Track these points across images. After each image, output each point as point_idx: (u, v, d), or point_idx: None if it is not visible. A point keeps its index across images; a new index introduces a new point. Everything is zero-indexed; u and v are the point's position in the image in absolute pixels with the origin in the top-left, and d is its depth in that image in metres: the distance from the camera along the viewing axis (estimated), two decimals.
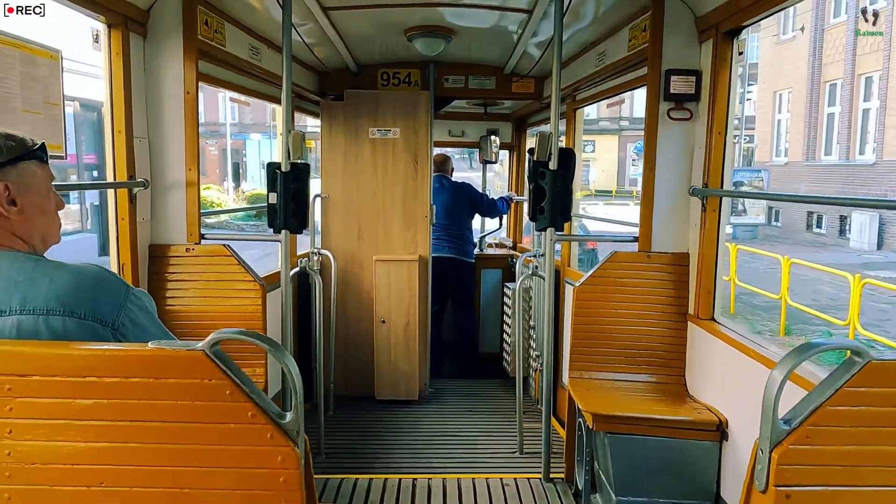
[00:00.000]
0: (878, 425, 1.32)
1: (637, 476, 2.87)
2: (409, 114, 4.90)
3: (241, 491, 1.31)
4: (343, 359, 4.97)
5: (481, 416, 4.67)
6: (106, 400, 1.29)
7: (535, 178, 3.18)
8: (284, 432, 1.30)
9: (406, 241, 5.01)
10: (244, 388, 1.28)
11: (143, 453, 1.30)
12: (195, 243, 3.16)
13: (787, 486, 1.33)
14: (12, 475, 1.29)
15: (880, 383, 1.31)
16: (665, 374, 3.22)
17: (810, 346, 1.35)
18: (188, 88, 3.07)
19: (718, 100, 2.97)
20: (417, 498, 3.30)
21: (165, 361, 1.28)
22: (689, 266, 3.22)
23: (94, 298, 1.38)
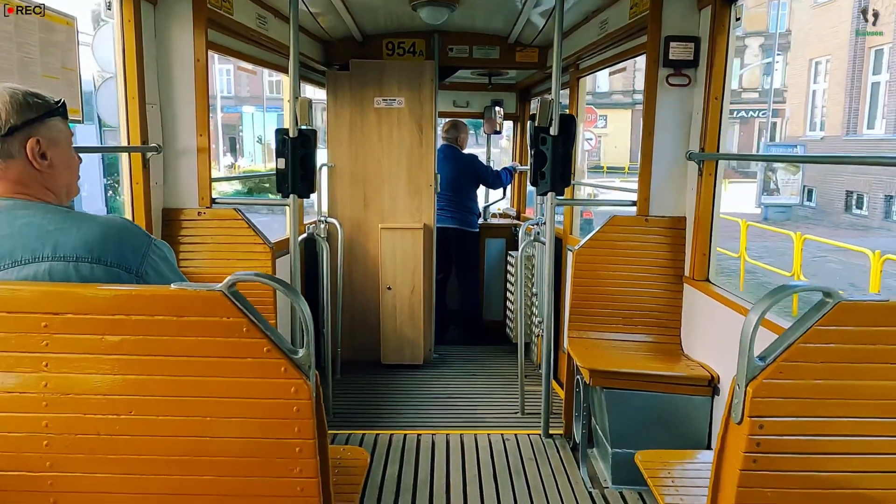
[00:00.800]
0: (845, 361, 1.42)
1: (632, 429, 3.00)
2: (414, 83, 4.96)
3: (258, 419, 1.43)
4: (350, 324, 5.10)
5: (484, 380, 4.80)
6: (133, 336, 1.40)
7: (536, 144, 3.26)
8: (297, 366, 1.41)
9: (411, 209, 5.10)
10: (259, 326, 1.39)
11: (168, 385, 1.42)
12: (206, 207, 3.27)
13: (760, 417, 1.44)
14: (49, 404, 1.41)
15: (848, 322, 1.41)
16: (661, 333, 3.33)
17: (783, 288, 1.45)
18: (198, 56, 3.15)
19: (716, 66, 3.04)
20: (422, 451, 3.45)
21: (187, 301, 1.39)
22: (685, 229, 3.31)
23: (119, 247, 1.48)
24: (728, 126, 3.15)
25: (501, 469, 3.26)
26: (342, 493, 1.85)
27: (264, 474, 1.45)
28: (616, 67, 4.35)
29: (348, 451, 2.08)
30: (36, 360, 1.40)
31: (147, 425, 1.43)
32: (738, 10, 2.98)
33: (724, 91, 3.05)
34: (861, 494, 1.47)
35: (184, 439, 1.43)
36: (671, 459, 2.12)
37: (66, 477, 1.45)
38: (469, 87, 6.50)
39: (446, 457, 3.39)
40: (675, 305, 3.32)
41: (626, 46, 3.82)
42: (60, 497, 1.45)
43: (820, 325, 1.41)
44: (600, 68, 4.54)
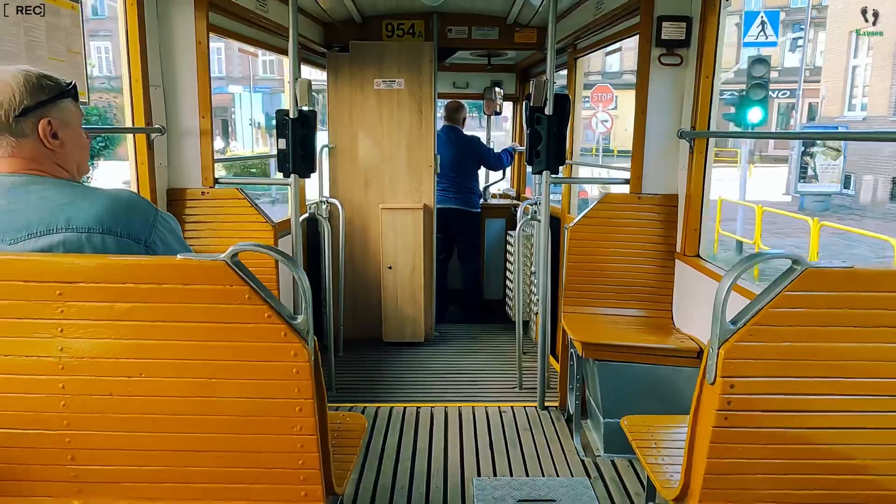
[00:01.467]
0: (812, 324, 1.51)
1: (623, 400, 3.10)
2: (414, 65, 5.02)
3: (260, 380, 1.52)
4: (352, 303, 5.21)
5: (484, 357, 4.91)
6: (142, 304, 1.49)
7: (532, 123, 3.34)
8: (296, 330, 1.50)
9: (411, 190, 5.18)
10: (260, 293, 1.48)
11: (175, 348, 1.51)
12: (210, 187, 3.35)
13: (731, 378, 1.53)
14: (65, 367, 1.51)
15: (815, 288, 1.49)
16: (653, 308, 3.42)
17: (753, 256, 1.53)
18: (199, 38, 3.22)
19: (707, 45, 3.09)
20: (421, 422, 3.56)
21: (192, 270, 1.48)
22: (677, 206, 3.38)
23: (127, 219, 1.57)
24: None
25: (498, 439, 3.38)
26: (341, 454, 1.95)
27: (266, 432, 1.55)
28: (614, 47, 4.40)
29: (347, 416, 2.19)
30: (52, 326, 1.49)
31: (156, 386, 1.53)
32: None
33: (715, 70, 3.11)
34: (824, 449, 1.57)
35: (190, 399, 1.53)
36: (655, 424, 2.22)
37: (83, 435, 1.55)
38: (469, 69, 6.54)
39: (444, 427, 3.50)
40: (666, 281, 3.41)
41: (621, 27, 3.86)
42: (77, 453, 1.56)
43: (788, 290, 1.49)
44: (597, 48, 4.59)
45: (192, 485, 1.59)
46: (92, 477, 1.58)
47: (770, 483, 1.60)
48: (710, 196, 3.24)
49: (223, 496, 1.59)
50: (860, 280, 1.49)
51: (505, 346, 5.16)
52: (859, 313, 1.50)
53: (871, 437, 1.57)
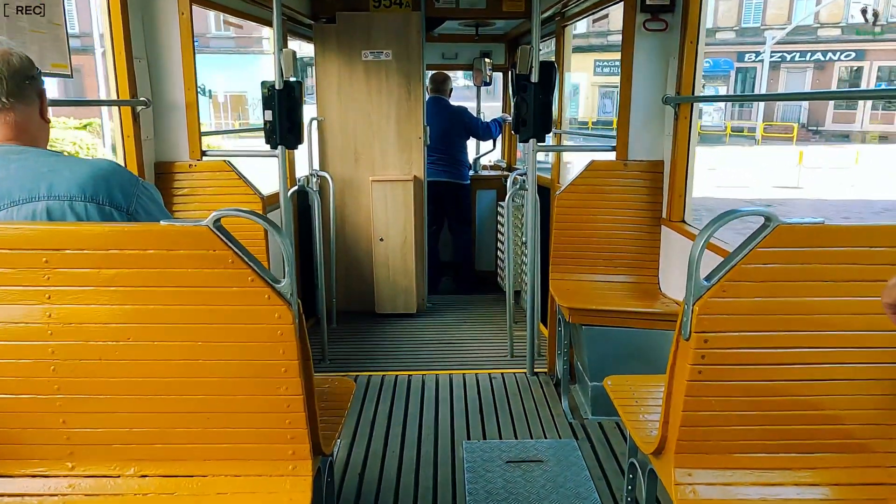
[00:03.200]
0: (783, 280, 1.55)
1: (609, 363, 3.16)
2: (402, 35, 4.98)
3: (245, 343, 1.56)
4: (344, 276, 5.24)
5: (476, 327, 4.96)
6: (127, 269, 1.52)
7: (518, 91, 3.34)
8: (279, 294, 1.53)
9: (401, 162, 5.18)
10: (243, 257, 1.51)
11: (161, 313, 1.54)
12: (197, 160, 3.36)
13: (705, 333, 1.57)
14: (54, 333, 1.54)
15: (787, 243, 1.53)
16: (640, 274, 3.47)
17: (727, 213, 1.56)
18: (181, 9, 3.20)
19: (692, 10, 3.09)
20: (412, 390, 3.62)
21: (176, 236, 1.50)
22: (663, 173, 3.41)
23: (108, 187, 1.59)
24: (795, 73, 3.21)
25: (487, 404, 3.44)
26: (329, 416, 2.00)
27: (253, 392, 1.59)
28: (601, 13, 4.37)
29: (336, 380, 2.23)
30: (39, 293, 1.52)
31: (144, 350, 1.56)
32: None
33: (700, 35, 3.11)
34: (795, 400, 1.62)
35: (178, 362, 1.57)
36: (637, 383, 2.27)
37: (73, 399, 1.59)
38: (457, 39, 6.50)
39: (435, 394, 3.56)
40: (653, 247, 3.45)
41: None
42: (68, 417, 1.60)
43: (761, 246, 1.52)
44: (585, 15, 4.56)
45: (182, 445, 1.63)
46: (83, 440, 1.62)
47: (743, 434, 1.66)
48: (695, 161, 3.26)
49: (212, 456, 1.64)
50: (831, 235, 1.53)
51: (497, 316, 5.21)
52: (830, 268, 1.54)
53: (840, 389, 1.62)
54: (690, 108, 3.19)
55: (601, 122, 31.30)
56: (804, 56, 30.27)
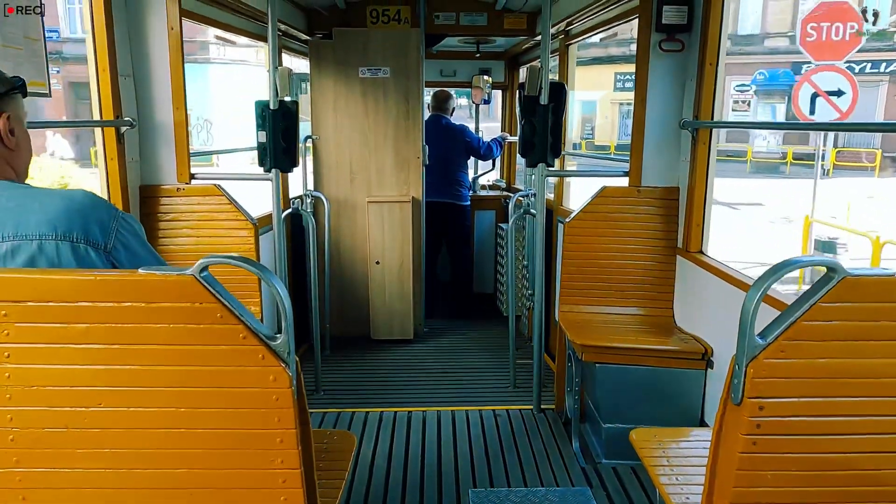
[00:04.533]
0: (851, 339, 1.36)
1: (624, 404, 2.96)
2: (400, 52, 4.82)
3: (236, 409, 1.35)
4: (338, 299, 5.03)
5: (475, 354, 4.76)
6: (101, 324, 1.31)
7: (526, 114, 3.17)
8: (275, 353, 1.33)
9: (399, 182, 5.00)
10: (234, 311, 1.31)
11: (139, 375, 1.34)
12: (185, 183, 3.16)
13: (760, 398, 1.38)
14: (13, 397, 1.33)
15: (854, 298, 1.34)
16: (654, 306, 3.28)
17: (785, 263, 1.38)
18: (171, 24, 3.01)
19: (711, 30, 2.93)
20: (412, 428, 3.41)
21: (157, 286, 1.30)
22: (678, 199, 3.24)
23: (84, 222, 1.39)
24: (867, 87, 3.03)
25: (493, 445, 3.23)
26: (328, 480, 1.80)
27: (244, 466, 1.38)
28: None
29: (335, 434, 2.02)
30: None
31: (118, 417, 1.35)
32: None
33: (720, 56, 2.96)
34: (864, 475, 1.43)
35: (157, 431, 1.36)
36: (666, 437, 2.08)
37: (35, 473, 1.37)
38: (456, 56, 6.35)
39: (437, 433, 3.35)
40: (667, 277, 3.27)
41: (617, 11, 3.70)
42: (30, 493, 1.38)
43: (824, 301, 1.34)
44: (591, 34, 4.42)
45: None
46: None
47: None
48: (713, 189, 3.10)
49: None
50: None
51: (496, 341, 5.01)
52: None
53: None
54: (709, 134, 3.03)
55: (623, 146, 26.53)
56: (877, 66, 25.19)
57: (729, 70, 23.74)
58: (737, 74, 25.83)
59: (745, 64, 26.71)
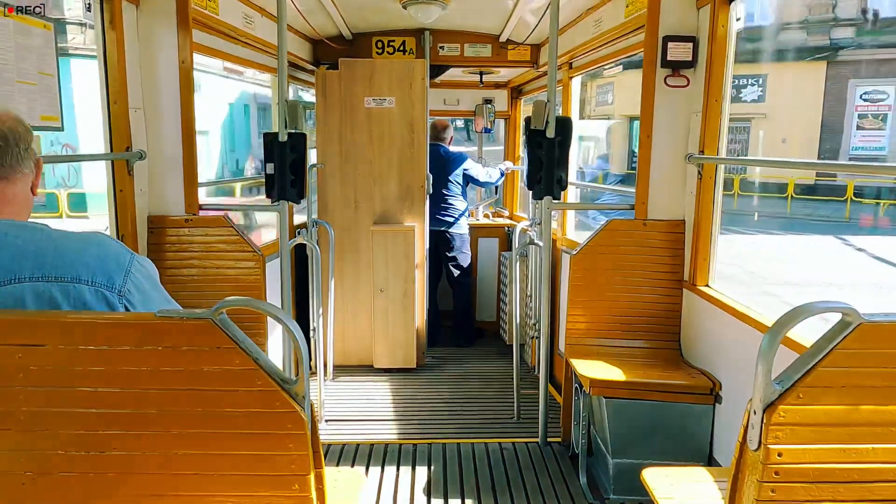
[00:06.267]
0: (870, 385, 1.36)
1: (632, 439, 2.94)
2: (405, 82, 4.87)
3: (251, 453, 1.34)
4: (342, 328, 5.02)
5: (479, 384, 4.74)
6: (117, 368, 1.31)
7: (532, 147, 3.19)
8: (292, 397, 1.33)
9: (403, 210, 5.02)
10: (252, 355, 1.31)
11: (154, 420, 1.33)
12: (193, 214, 3.17)
13: (779, 445, 1.37)
14: (26, 440, 1.32)
15: (871, 345, 1.34)
16: (660, 339, 3.27)
17: (802, 309, 1.38)
18: (182, 58, 3.05)
19: (715, 66, 2.97)
20: (417, 462, 3.37)
21: (173, 329, 1.30)
22: (684, 233, 3.25)
23: (100, 265, 1.40)
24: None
25: (499, 479, 3.20)
26: None
27: None
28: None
29: (343, 473, 2.00)
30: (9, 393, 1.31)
31: (132, 463, 1.34)
32: (739, 8, 2.91)
33: (724, 93, 2.99)
34: None
35: (172, 475, 1.35)
36: (678, 478, 2.06)
37: None
38: (460, 86, 6.41)
39: (443, 468, 3.32)
40: (674, 311, 3.26)
41: (621, 45, 3.75)
42: None
43: (841, 347, 1.34)
44: (594, 67, 4.47)
45: None
46: None
47: None
48: (719, 223, 3.11)
49: None
50: None
51: (500, 370, 4.99)
52: None
53: None
54: (715, 168, 3.05)
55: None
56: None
57: (856, 71, 17.36)
58: (868, 78, 17.69)
59: (882, 61, 17.68)
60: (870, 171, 6.67)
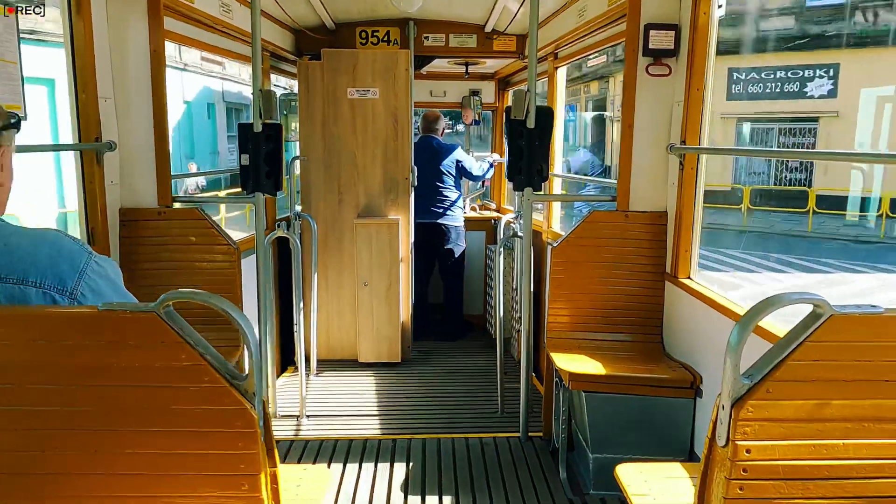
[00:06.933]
0: (840, 378, 1.32)
1: (612, 433, 2.90)
2: (389, 73, 4.80)
3: (199, 452, 1.29)
4: (325, 322, 4.96)
5: (464, 378, 4.69)
6: (59, 363, 1.26)
7: (513, 138, 3.13)
8: (241, 393, 1.27)
9: (387, 203, 4.96)
10: (198, 350, 1.25)
11: (98, 416, 1.28)
12: (167, 206, 3.10)
13: (747, 441, 1.33)
14: None
15: (842, 336, 1.30)
16: (642, 332, 3.23)
17: (771, 301, 1.33)
18: (154, 47, 2.98)
19: (697, 55, 2.92)
20: (396, 458, 3.33)
21: (117, 323, 1.25)
22: (666, 225, 3.20)
23: (50, 265, 1.32)
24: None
25: (479, 475, 3.16)
26: None
27: None
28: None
29: (310, 471, 1.95)
30: None
31: (75, 461, 1.29)
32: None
33: (707, 82, 2.94)
34: None
35: (117, 476, 1.29)
36: (652, 473, 2.02)
37: None
38: (446, 77, 6.34)
39: (422, 464, 3.27)
40: (656, 303, 3.22)
41: (605, 34, 3.69)
42: None
43: (811, 340, 1.30)
44: (579, 57, 4.42)
45: None
46: None
47: None
48: (701, 214, 3.06)
49: None
50: (893, 326, 1.30)
51: (485, 364, 4.95)
52: (893, 364, 1.31)
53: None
54: (697, 159, 3.00)
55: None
56: None
57: None
58: None
59: None
60: (874, 160, 6.55)
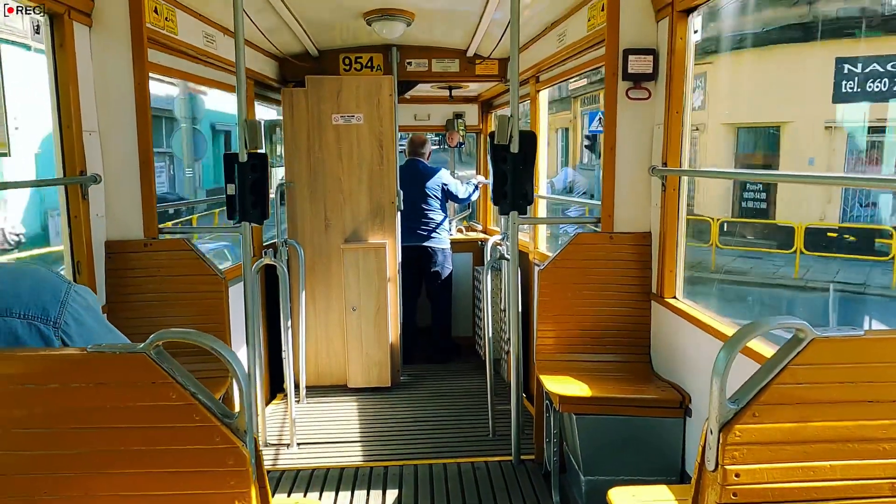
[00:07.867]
0: (824, 401, 1.34)
1: (604, 455, 2.91)
2: (373, 99, 4.85)
3: (191, 493, 1.29)
4: (314, 348, 4.95)
5: (454, 401, 4.68)
6: (47, 407, 1.25)
7: (497, 162, 3.16)
8: (233, 431, 1.27)
9: (374, 227, 4.98)
10: (189, 389, 1.26)
11: (88, 460, 1.27)
12: (153, 238, 3.10)
13: (735, 465, 1.35)
14: None
15: (825, 359, 1.33)
16: (630, 353, 3.25)
17: (756, 326, 1.36)
18: (138, 79, 2.99)
19: (675, 79, 2.98)
20: (389, 485, 3.31)
21: (106, 364, 1.25)
22: (651, 245, 3.24)
23: (34, 297, 1.32)
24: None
25: (471, 500, 3.14)
26: None
27: None
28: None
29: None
30: None
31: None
32: (696, 21, 2.92)
33: (685, 105, 2.99)
34: None
35: None
36: (644, 496, 2.02)
37: None
38: (430, 101, 6.40)
39: (414, 490, 3.25)
40: (643, 324, 3.25)
41: (585, 58, 3.76)
42: None
43: (795, 363, 1.32)
44: (560, 80, 4.49)
45: None
46: None
47: None
48: (685, 234, 3.10)
49: None
50: (874, 349, 1.33)
51: (476, 387, 4.94)
52: (875, 386, 1.34)
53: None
54: (678, 180, 3.05)
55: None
56: None
57: None
58: None
59: None
60: (867, 184, 6.58)
